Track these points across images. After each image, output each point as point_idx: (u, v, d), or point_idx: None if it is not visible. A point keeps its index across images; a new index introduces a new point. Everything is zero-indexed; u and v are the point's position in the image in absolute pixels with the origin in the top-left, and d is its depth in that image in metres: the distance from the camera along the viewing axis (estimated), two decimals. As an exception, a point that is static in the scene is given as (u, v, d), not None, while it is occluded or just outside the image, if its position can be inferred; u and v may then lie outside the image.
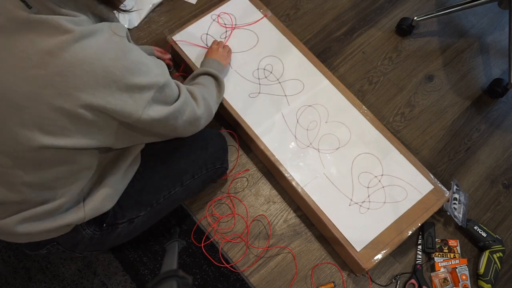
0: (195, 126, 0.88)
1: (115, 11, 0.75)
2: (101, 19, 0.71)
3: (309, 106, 1.23)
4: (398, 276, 1.15)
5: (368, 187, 1.14)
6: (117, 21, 0.78)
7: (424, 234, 1.18)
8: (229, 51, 1.27)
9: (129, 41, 0.70)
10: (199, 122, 0.88)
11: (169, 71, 1.17)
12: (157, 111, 0.72)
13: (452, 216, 1.16)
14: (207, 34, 1.33)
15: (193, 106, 0.85)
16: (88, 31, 0.62)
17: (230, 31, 1.33)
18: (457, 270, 1.15)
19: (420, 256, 1.17)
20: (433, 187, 1.14)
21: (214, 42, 1.27)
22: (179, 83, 0.84)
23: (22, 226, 0.73)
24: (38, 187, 0.71)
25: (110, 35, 0.65)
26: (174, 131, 0.82)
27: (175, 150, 0.98)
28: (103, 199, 0.81)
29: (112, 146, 0.75)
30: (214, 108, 0.99)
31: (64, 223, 0.77)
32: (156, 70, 0.71)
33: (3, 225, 0.73)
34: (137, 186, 0.89)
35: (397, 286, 1.15)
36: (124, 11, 0.76)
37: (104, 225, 0.87)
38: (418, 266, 1.16)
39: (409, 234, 1.09)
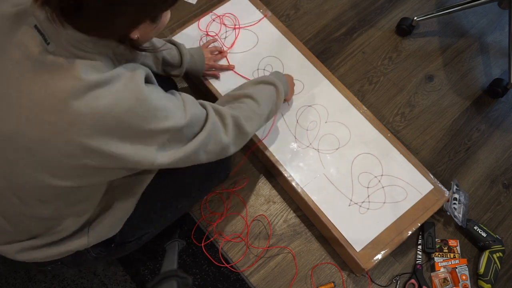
0: (222, 155, 0.81)
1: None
2: (123, 57, 0.69)
3: (309, 106, 1.23)
4: (398, 276, 1.15)
5: (368, 187, 1.14)
6: (141, 58, 0.75)
7: (424, 234, 1.18)
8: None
9: (151, 81, 0.67)
10: (226, 151, 0.81)
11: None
12: (172, 154, 0.67)
13: (452, 216, 1.16)
14: (207, 34, 1.33)
15: (219, 135, 0.77)
16: (103, 80, 0.59)
17: (230, 31, 1.33)
18: (457, 270, 1.15)
19: (420, 256, 1.17)
20: (433, 187, 1.14)
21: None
22: (206, 105, 0.78)
23: (22, 255, 0.74)
24: (43, 219, 0.71)
25: (125, 83, 0.61)
26: (197, 162, 0.76)
27: None
28: (110, 225, 0.81)
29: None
30: (251, 126, 0.86)
31: (66, 250, 0.77)
32: (176, 112, 0.67)
33: (3, 251, 0.73)
34: (145, 205, 0.88)
35: (397, 286, 1.15)
36: (144, 50, 0.71)
37: (113, 245, 0.86)
38: (418, 266, 1.16)
39: (409, 234, 1.09)
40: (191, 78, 1.32)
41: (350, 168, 1.16)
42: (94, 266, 0.91)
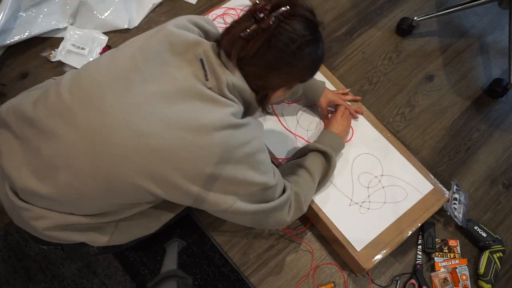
0: (277, 225, 0.87)
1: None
2: (247, 105, 0.76)
3: (309, 106, 1.23)
4: (398, 276, 1.15)
5: (368, 187, 1.14)
6: (258, 108, 0.83)
7: (424, 234, 1.18)
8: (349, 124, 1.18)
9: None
10: (282, 224, 0.87)
11: None
12: (248, 205, 0.74)
13: (452, 216, 1.16)
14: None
15: (283, 214, 0.84)
16: (241, 123, 0.69)
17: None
18: (457, 270, 1.15)
19: (420, 256, 1.17)
20: (433, 187, 1.14)
21: (340, 110, 1.15)
22: (288, 185, 0.85)
23: (50, 232, 0.74)
24: (99, 208, 0.74)
25: (254, 131, 0.72)
26: (258, 225, 0.84)
27: None
28: (136, 231, 0.85)
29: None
30: (307, 203, 0.94)
31: (86, 240, 0.78)
32: (271, 171, 0.77)
33: (35, 225, 0.73)
34: None
35: (397, 286, 1.15)
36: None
37: None
38: (418, 266, 1.16)
39: (409, 234, 1.09)
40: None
41: (350, 168, 1.16)
42: (88, 260, 0.90)
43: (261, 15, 0.66)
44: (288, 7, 0.67)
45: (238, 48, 0.68)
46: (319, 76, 1.27)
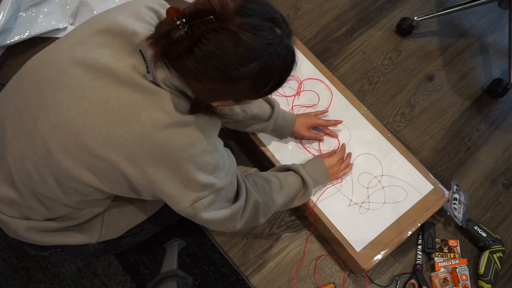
0: (226, 230, 0.86)
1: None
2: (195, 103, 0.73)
3: (309, 106, 1.23)
4: (398, 276, 1.15)
5: (368, 188, 1.14)
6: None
7: (424, 234, 1.18)
8: (344, 172, 1.13)
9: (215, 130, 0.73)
10: (231, 229, 0.85)
11: None
12: (206, 212, 0.74)
13: (452, 216, 1.16)
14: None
15: (235, 222, 0.82)
16: (183, 122, 0.65)
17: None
18: (457, 270, 1.15)
19: (420, 256, 1.17)
20: (433, 187, 1.14)
21: (342, 150, 1.14)
22: (247, 191, 0.84)
23: (31, 234, 0.75)
24: (67, 206, 0.73)
25: (198, 133, 0.67)
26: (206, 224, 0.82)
27: None
28: (125, 222, 0.85)
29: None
30: (266, 215, 0.91)
31: (74, 243, 0.79)
32: (220, 173, 0.73)
33: (13, 226, 0.73)
34: (141, 200, 0.89)
35: (397, 286, 1.15)
36: (221, 116, 0.76)
37: None
38: (418, 266, 1.16)
39: (409, 234, 1.09)
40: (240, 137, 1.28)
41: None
42: (90, 258, 0.91)
43: (178, 22, 0.58)
44: (212, 17, 0.57)
45: (161, 47, 0.62)
46: (318, 75, 1.27)
